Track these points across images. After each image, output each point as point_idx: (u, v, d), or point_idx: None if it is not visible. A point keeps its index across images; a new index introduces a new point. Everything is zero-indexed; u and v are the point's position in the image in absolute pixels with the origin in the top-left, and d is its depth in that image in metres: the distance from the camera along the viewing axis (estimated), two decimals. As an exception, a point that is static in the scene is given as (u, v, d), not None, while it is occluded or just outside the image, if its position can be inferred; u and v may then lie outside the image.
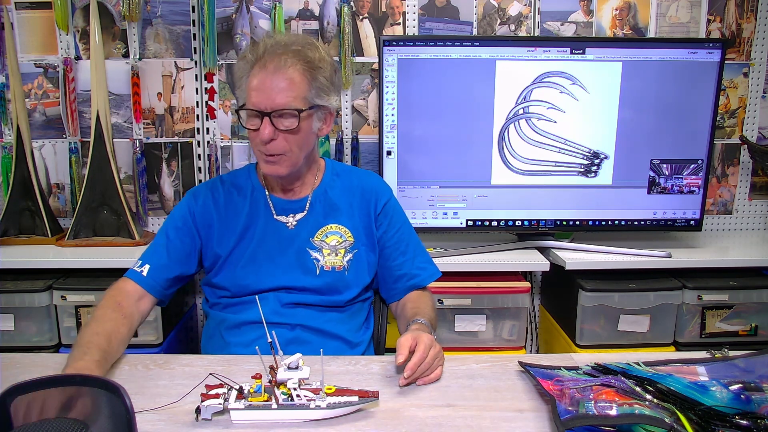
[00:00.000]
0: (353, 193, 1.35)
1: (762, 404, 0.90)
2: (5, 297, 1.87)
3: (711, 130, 2.05)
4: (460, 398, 1.00)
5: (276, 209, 1.31)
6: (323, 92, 1.21)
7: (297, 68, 1.18)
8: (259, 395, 0.92)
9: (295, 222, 1.31)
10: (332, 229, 1.31)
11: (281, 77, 1.17)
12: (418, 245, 1.41)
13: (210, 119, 2.25)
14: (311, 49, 1.21)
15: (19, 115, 2.02)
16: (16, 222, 2.07)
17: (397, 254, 1.37)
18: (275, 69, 1.17)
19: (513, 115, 2.02)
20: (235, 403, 0.90)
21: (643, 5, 2.24)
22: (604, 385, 0.95)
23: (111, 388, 0.76)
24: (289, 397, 0.92)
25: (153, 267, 1.26)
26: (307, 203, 1.32)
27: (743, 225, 2.42)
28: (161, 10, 2.18)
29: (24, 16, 2.16)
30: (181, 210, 1.32)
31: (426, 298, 1.36)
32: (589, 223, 2.10)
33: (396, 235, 1.37)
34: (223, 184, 1.35)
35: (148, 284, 1.25)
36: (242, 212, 1.31)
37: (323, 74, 1.20)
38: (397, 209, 1.40)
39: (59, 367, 1.10)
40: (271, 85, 1.16)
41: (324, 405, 0.91)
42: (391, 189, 1.42)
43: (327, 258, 1.30)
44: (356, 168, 1.46)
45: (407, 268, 1.37)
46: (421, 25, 2.22)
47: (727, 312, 2.00)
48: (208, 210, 1.31)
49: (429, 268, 1.40)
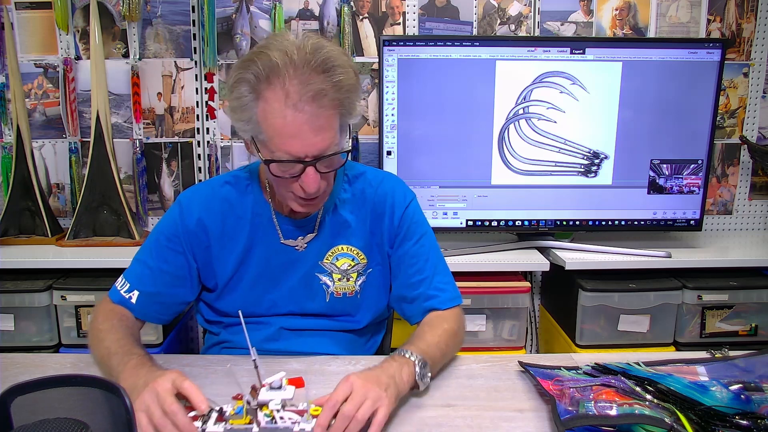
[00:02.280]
0: (365, 207, 1.18)
1: (762, 404, 0.90)
2: (5, 297, 1.87)
3: (711, 130, 2.05)
4: (460, 398, 1.00)
5: (284, 233, 1.15)
6: (354, 110, 1.02)
7: (335, 106, 0.97)
8: (240, 417, 0.86)
9: (305, 245, 1.16)
10: (342, 251, 1.17)
11: (320, 122, 0.95)
12: (440, 263, 1.22)
13: (210, 119, 2.25)
14: (348, 81, 0.98)
15: (19, 115, 2.02)
16: (16, 222, 2.07)
17: (414, 271, 1.18)
18: (306, 106, 0.94)
19: (513, 115, 2.02)
20: (213, 426, 0.85)
21: (643, 5, 2.24)
22: (604, 385, 0.95)
23: (111, 388, 0.76)
24: (272, 420, 0.85)
25: (142, 295, 1.12)
26: (317, 222, 1.16)
27: (743, 225, 2.42)
28: (161, 10, 2.18)
29: (24, 16, 2.16)
30: (173, 224, 1.14)
31: (439, 321, 1.14)
32: (589, 223, 2.10)
33: (413, 248, 1.19)
34: (221, 194, 1.16)
35: (140, 313, 1.13)
36: (242, 232, 1.14)
37: (356, 101, 1.01)
38: (417, 218, 1.22)
39: (59, 367, 1.11)
40: (309, 129, 0.95)
41: (308, 428, 0.84)
42: (411, 195, 1.24)
43: (338, 284, 1.17)
44: (371, 170, 1.24)
45: (424, 287, 1.18)
46: (421, 25, 2.22)
47: (727, 312, 2.00)
48: (203, 229, 1.14)
49: (448, 290, 1.20)
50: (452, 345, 1.12)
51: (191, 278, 1.16)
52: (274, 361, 1.09)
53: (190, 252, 1.14)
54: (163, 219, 1.17)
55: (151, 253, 1.14)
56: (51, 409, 0.76)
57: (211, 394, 0.95)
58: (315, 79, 0.94)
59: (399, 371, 0.95)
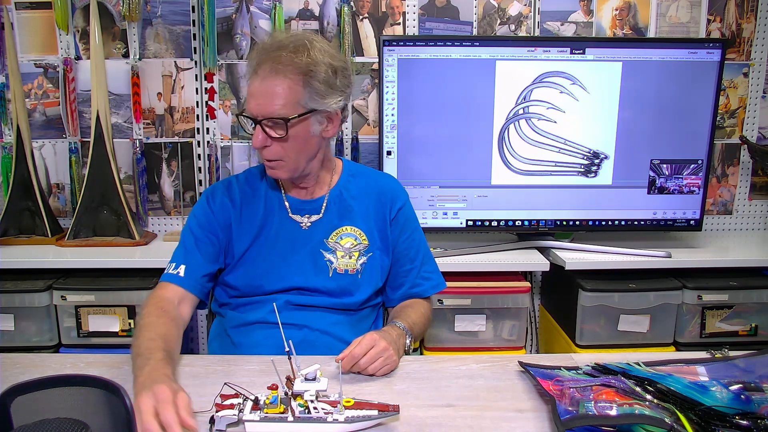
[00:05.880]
0: (369, 196, 1.34)
1: (762, 404, 0.90)
2: (5, 297, 1.87)
3: (711, 130, 2.05)
4: (460, 398, 1.00)
5: (291, 208, 1.31)
6: (319, 95, 1.18)
7: (287, 75, 1.15)
8: (275, 407, 0.89)
9: (310, 223, 1.30)
10: (347, 231, 1.31)
11: (272, 83, 1.16)
12: (427, 253, 1.40)
13: (210, 119, 2.25)
14: (303, 52, 1.16)
15: (19, 115, 2.02)
16: (16, 222, 2.07)
17: (405, 260, 1.36)
18: (266, 76, 1.16)
19: (513, 115, 2.02)
20: (249, 415, 0.88)
21: (643, 5, 2.24)
22: (604, 385, 0.95)
23: (111, 388, 0.76)
24: (305, 410, 0.88)
25: (189, 267, 1.24)
26: (323, 205, 1.31)
27: (743, 225, 2.42)
28: (161, 10, 2.18)
29: (24, 16, 2.16)
30: (202, 209, 1.31)
31: (418, 306, 1.35)
32: (589, 223, 2.10)
33: (407, 241, 1.36)
34: (239, 183, 1.34)
35: (189, 284, 1.23)
36: (258, 212, 1.30)
37: (317, 78, 1.17)
38: (411, 214, 1.39)
39: (59, 367, 1.11)
40: (262, 91, 1.16)
41: (342, 419, 0.87)
42: (407, 193, 1.40)
43: (341, 260, 1.29)
44: (373, 170, 1.45)
45: (412, 276, 1.36)
46: (421, 25, 2.22)
47: (727, 312, 2.00)
48: (226, 209, 1.30)
49: (433, 278, 1.39)
50: (424, 329, 1.35)
51: (222, 253, 1.30)
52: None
53: (219, 229, 1.30)
54: (193, 210, 1.34)
55: (190, 234, 1.29)
56: (51, 409, 0.76)
57: (211, 393, 0.95)
58: (279, 57, 1.15)
59: (398, 340, 1.16)
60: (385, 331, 1.16)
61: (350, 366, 1.06)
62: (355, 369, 1.07)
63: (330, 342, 1.26)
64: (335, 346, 1.24)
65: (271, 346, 1.19)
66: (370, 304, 1.34)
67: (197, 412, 0.93)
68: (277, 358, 0.99)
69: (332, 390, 0.92)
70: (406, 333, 1.21)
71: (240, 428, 0.89)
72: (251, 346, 1.23)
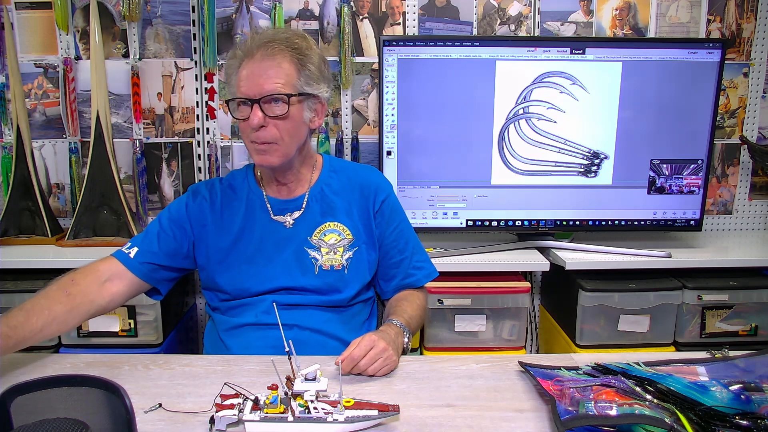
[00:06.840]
0: (352, 191, 1.34)
1: (762, 404, 0.90)
2: (5, 297, 1.87)
3: (711, 130, 2.05)
4: (460, 398, 1.00)
5: (273, 210, 1.31)
6: (312, 80, 1.21)
7: (285, 55, 1.18)
8: (275, 407, 0.89)
9: (293, 221, 1.30)
10: (330, 227, 1.30)
11: (269, 64, 1.17)
12: (417, 243, 1.40)
13: (210, 119, 2.25)
14: (299, 38, 1.22)
15: (19, 115, 2.02)
16: (16, 222, 2.07)
17: (395, 252, 1.35)
18: (263, 57, 1.18)
19: (513, 115, 2.02)
20: (249, 415, 0.88)
21: (643, 5, 2.24)
22: (604, 385, 0.95)
23: (111, 388, 0.76)
24: (305, 410, 0.89)
25: (141, 250, 1.27)
26: (304, 201, 1.31)
27: (743, 225, 2.42)
28: (161, 10, 2.18)
29: (24, 16, 2.16)
30: (178, 204, 1.33)
31: (413, 297, 1.35)
32: (589, 223, 2.10)
33: (394, 232, 1.35)
34: (221, 184, 1.36)
35: (132, 266, 1.25)
36: (238, 213, 1.31)
37: (311, 62, 1.21)
38: (396, 206, 1.38)
39: (59, 367, 1.11)
40: (259, 72, 1.17)
41: (342, 419, 0.88)
42: (390, 184, 1.40)
43: (326, 257, 1.28)
44: (354, 163, 1.45)
45: (404, 266, 1.36)
46: (421, 25, 2.22)
47: (727, 312, 2.00)
48: (203, 209, 1.31)
49: (426, 267, 1.39)
50: (422, 320, 1.35)
51: (184, 252, 1.31)
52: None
53: (189, 227, 1.31)
54: (172, 202, 1.35)
55: (157, 223, 1.31)
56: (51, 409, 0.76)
57: (211, 393, 0.95)
58: (276, 40, 1.19)
59: (396, 339, 1.16)
60: (383, 331, 1.16)
61: (350, 368, 1.07)
62: (355, 371, 1.08)
63: (322, 340, 1.26)
64: (328, 343, 1.25)
65: (261, 347, 1.19)
66: (359, 300, 1.34)
67: (197, 412, 0.94)
68: (277, 358, 0.99)
69: (332, 390, 0.93)
70: (404, 330, 1.21)
71: (240, 428, 0.89)
72: (243, 348, 1.23)
